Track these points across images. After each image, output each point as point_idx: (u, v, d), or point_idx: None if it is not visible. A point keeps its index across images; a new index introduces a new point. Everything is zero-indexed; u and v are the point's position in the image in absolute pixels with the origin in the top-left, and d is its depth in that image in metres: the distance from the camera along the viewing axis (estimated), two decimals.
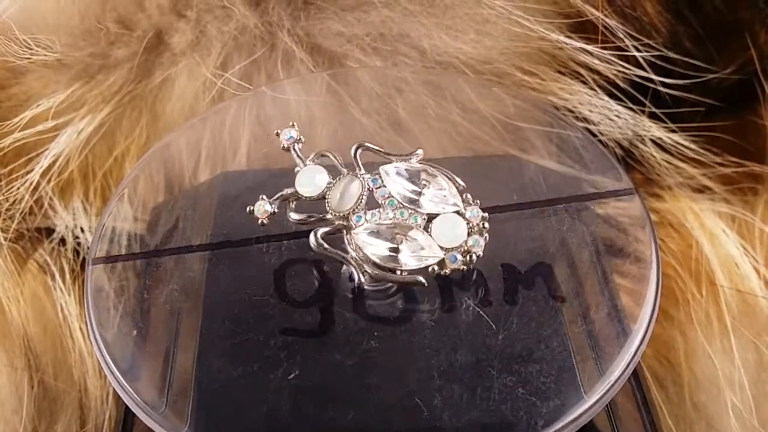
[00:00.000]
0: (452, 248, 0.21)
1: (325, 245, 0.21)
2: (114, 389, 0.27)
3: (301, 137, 0.22)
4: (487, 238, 0.21)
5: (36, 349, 0.27)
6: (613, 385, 0.19)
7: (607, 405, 0.22)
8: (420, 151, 0.22)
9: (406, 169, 0.22)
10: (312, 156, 0.22)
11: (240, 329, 0.21)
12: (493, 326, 0.21)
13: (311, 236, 0.21)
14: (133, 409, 0.20)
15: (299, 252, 0.23)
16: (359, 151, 0.22)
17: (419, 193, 0.21)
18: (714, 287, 0.28)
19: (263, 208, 0.22)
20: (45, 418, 0.26)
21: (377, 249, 0.21)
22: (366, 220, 0.21)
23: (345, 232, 0.21)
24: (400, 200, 0.21)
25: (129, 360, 0.20)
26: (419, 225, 0.21)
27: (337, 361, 0.20)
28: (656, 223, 0.29)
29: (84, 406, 0.27)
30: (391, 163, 0.22)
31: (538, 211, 0.24)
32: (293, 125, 0.23)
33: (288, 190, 0.22)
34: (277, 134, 0.23)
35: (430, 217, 0.21)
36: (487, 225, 0.21)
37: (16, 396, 0.26)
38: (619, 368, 0.19)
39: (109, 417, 0.27)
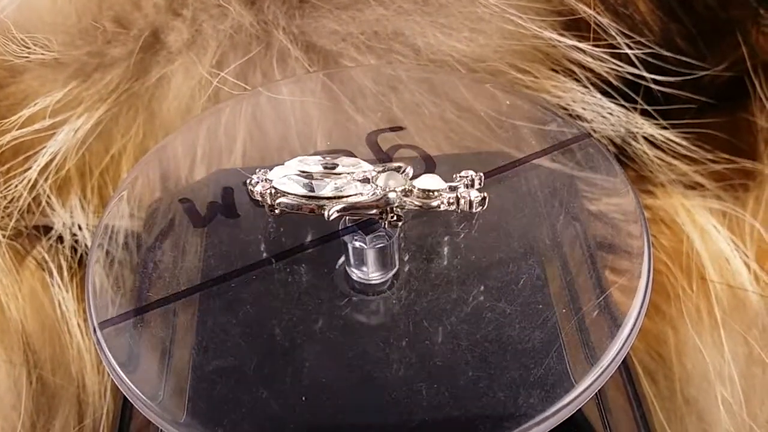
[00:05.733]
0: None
1: None
2: (112, 384, 0.27)
3: None
4: None
5: (34, 345, 0.27)
6: (602, 372, 0.19)
7: (598, 398, 0.22)
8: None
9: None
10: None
11: (237, 322, 0.21)
12: (484, 316, 0.21)
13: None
14: (131, 400, 0.20)
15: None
16: None
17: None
18: (705, 282, 0.28)
19: None
20: (43, 413, 0.26)
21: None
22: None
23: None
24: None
25: (127, 353, 0.21)
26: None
27: (333, 355, 0.20)
28: (648, 219, 0.29)
29: (82, 401, 0.27)
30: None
31: (531, 205, 0.24)
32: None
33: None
34: None
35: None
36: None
37: (14, 392, 0.26)
38: (608, 357, 0.19)
39: (106, 412, 0.27)
